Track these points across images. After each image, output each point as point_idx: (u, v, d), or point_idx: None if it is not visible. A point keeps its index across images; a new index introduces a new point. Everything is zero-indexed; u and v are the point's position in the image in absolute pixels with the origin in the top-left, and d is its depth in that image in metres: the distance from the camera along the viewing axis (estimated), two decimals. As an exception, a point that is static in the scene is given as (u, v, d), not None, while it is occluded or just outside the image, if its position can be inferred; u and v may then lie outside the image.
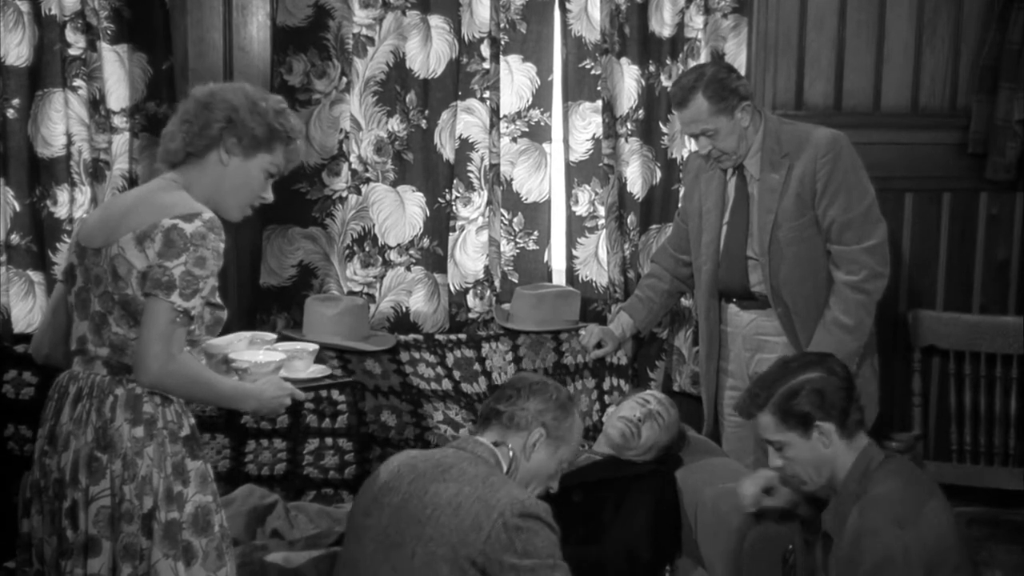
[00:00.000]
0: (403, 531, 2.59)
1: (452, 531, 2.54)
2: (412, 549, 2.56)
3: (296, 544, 3.21)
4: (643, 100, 3.96)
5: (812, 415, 2.68)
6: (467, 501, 2.56)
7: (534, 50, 3.93)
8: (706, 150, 3.43)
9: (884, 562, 2.52)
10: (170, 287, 2.39)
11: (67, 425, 2.47)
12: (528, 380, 2.91)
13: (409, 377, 3.69)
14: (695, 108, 3.37)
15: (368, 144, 3.83)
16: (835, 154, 3.39)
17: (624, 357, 3.93)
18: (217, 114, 2.54)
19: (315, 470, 3.56)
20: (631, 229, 4.01)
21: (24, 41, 3.50)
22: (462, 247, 3.95)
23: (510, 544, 2.51)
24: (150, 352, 2.40)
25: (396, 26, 3.79)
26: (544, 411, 2.81)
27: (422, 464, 2.69)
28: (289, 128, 2.61)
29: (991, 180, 4.12)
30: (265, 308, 3.79)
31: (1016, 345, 3.98)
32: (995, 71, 4.04)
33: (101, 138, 3.58)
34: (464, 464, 2.66)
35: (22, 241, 3.59)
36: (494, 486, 2.59)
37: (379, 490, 2.69)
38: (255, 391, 2.61)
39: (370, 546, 2.63)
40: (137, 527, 2.42)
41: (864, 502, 2.62)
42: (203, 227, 2.43)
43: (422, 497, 2.60)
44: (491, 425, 2.81)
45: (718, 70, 3.43)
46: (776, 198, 3.42)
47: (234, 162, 2.56)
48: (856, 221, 3.39)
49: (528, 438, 2.79)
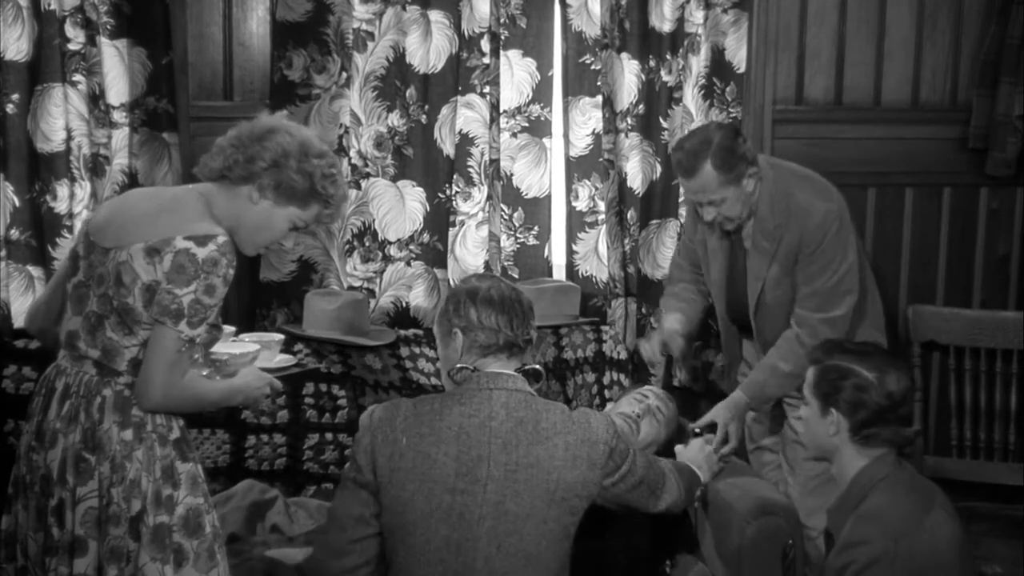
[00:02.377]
0: (530, 501, 2.59)
1: (576, 482, 2.61)
2: (544, 515, 2.60)
3: (296, 540, 3.22)
4: (643, 95, 3.95)
5: (834, 401, 2.68)
6: (576, 449, 2.62)
7: (534, 45, 3.92)
8: (711, 217, 3.30)
9: (869, 565, 2.52)
10: (179, 316, 2.38)
11: (55, 422, 2.47)
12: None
13: (409, 372, 3.69)
14: (703, 179, 3.23)
15: (368, 139, 3.83)
16: (822, 234, 3.30)
17: (624, 352, 3.93)
18: (266, 154, 2.50)
19: (315, 465, 3.57)
20: (631, 224, 4.01)
21: (23, 36, 3.50)
22: (462, 242, 3.95)
23: (617, 465, 2.68)
24: (156, 381, 2.40)
25: (396, 21, 3.78)
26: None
27: (497, 424, 2.61)
28: (331, 195, 2.57)
29: (991, 175, 4.12)
30: (265, 303, 3.79)
31: (1016, 340, 3.98)
32: (996, 66, 4.03)
33: (101, 133, 3.58)
34: (543, 413, 2.65)
35: (22, 236, 3.59)
36: (581, 422, 2.65)
37: (459, 464, 2.59)
38: (241, 386, 2.62)
39: (484, 524, 2.58)
40: (124, 530, 2.42)
41: (859, 514, 2.62)
42: (216, 252, 2.40)
43: (536, 464, 2.60)
44: (512, 356, 2.73)
45: (724, 136, 3.25)
46: (765, 266, 3.37)
47: (264, 205, 2.53)
48: (822, 293, 3.33)
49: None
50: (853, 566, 2.54)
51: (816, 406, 2.72)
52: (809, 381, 2.75)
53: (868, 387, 2.65)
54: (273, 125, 2.57)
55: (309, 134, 2.61)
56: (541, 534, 2.58)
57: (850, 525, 2.61)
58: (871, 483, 2.65)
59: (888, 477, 2.65)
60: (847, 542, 2.59)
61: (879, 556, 2.51)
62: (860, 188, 4.03)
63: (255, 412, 3.50)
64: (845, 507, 2.67)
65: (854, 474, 2.68)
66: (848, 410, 2.66)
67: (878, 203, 4.14)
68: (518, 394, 2.66)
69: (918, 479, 2.75)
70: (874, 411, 2.65)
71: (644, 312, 4.06)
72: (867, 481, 2.66)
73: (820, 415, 2.71)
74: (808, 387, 2.75)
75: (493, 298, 2.70)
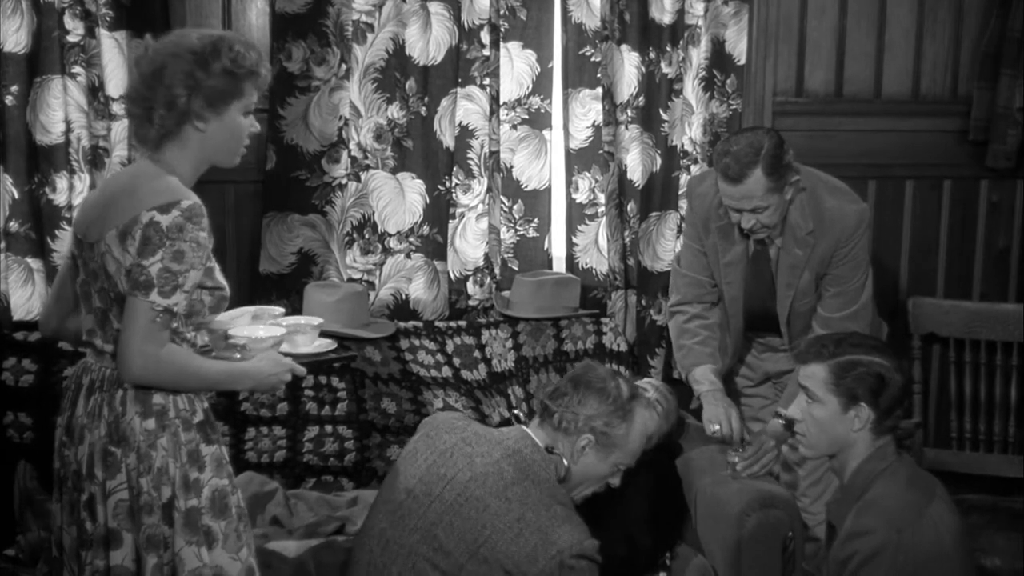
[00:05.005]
0: (456, 541, 2.56)
1: (508, 557, 2.53)
2: (461, 563, 2.55)
3: (295, 533, 3.22)
4: (643, 87, 3.95)
5: (861, 395, 2.63)
6: (528, 530, 2.54)
7: (534, 37, 3.92)
8: (749, 224, 3.23)
9: (873, 555, 2.52)
10: (148, 286, 2.34)
11: (82, 418, 2.46)
12: (586, 378, 2.79)
13: (409, 364, 3.69)
14: (752, 183, 3.15)
15: (368, 131, 3.82)
16: (857, 237, 3.30)
17: (624, 344, 3.93)
18: (176, 88, 2.42)
19: (315, 457, 3.57)
20: (631, 216, 4.00)
21: (22, 28, 3.49)
22: (462, 234, 3.95)
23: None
24: (128, 352, 2.36)
25: (396, 13, 3.77)
26: (595, 416, 2.73)
27: (480, 462, 2.62)
28: (252, 66, 2.47)
29: (992, 168, 4.11)
30: (264, 295, 3.78)
31: (1016, 333, 3.97)
32: (996, 58, 4.03)
33: (100, 125, 3.57)
34: (527, 483, 2.60)
35: (21, 228, 3.58)
36: (556, 518, 2.57)
37: (428, 473, 2.63)
38: (251, 369, 2.53)
39: (413, 536, 2.60)
40: (158, 517, 2.42)
41: (861, 505, 2.61)
42: (180, 217, 2.36)
43: (481, 512, 2.56)
44: (545, 421, 2.76)
45: (775, 144, 3.19)
46: (797, 274, 3.34)
47: (211, 124, 2.46)
48: (848, 293, 3.34)
49: (576, 443, 2.73)
50: (857, 556, 2.53)
51: (836, 403, 2.65)
52: (823, 379, 2.66)
53: (891, 377, 2.64)
54: (158, 61, 2.44)
55: (191, 38, 2.47)
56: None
57: (853, 515, 2.61)
58: (873, 474, 2.64)
59: (890, 468, 2.65)
60: (850, 532, 2.59)
61: (882, 546, 2.51)
62: (860, 180, 4.01)
63: (255, 403, 3.50)
64: (847, 499, 2.67)
65: (857, 466, 2.67)
66: (874, 402, 2.63)
67: (878, 195, 4.14)
68: (520, 454, 2.66)
69: (918, 471, 2.74)
70: (897, 396, 2.64)
71: (644, 304, 4.06)
72: (869, 472, 2.65)
73: (841, 411, 2.65)
74: (823, 384, 2.66)
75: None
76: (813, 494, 3.42)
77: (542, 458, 2.66)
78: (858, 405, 2.64)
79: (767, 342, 3.58)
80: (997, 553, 3.48)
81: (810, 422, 2.70)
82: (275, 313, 2.86)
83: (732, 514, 3.12)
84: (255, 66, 2.48)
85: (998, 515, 3.70)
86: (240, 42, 2.48)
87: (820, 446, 2.71)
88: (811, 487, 3.44)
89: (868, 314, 3.37)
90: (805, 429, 2.71)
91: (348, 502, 3.40)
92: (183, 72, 2.42)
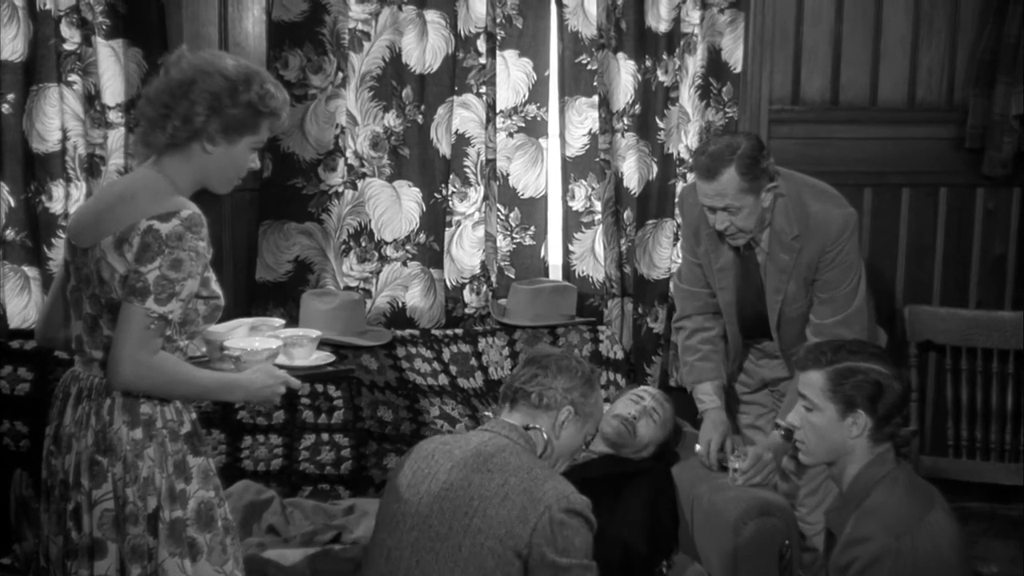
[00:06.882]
0: (448, 522, 2.58)
1: (500, 523, 2.55)
2: (459, 541, 2.56)
3: (292, 541, 3.21)
4: (639, 95, 3.95)
5: (859, 402, 2.63)
6: (513, 492, 2.56)
7: (530, 45, 3.92)
8: (723, 226, 3.24)
9: (873, 562, 2.51)
10: (144, 293, 2.34)
11: (69, 427, 2.46)
12: (552, 356, 2.86)
13: (405, 372, 3.69)
14: (725, 181, 3.17)
15: (364, 139, 3.82)
16: (843, 241, 3.30)
17: (621, 352, 3.93)
18: (198, 107, 2.44)
19: (311, 466, 3.56)
20: (627, 224, 4.01)
21: (19, 36, 3.49)
22: (458, 242, 3.95)
23: (552, 539, 2.53)
24: (120, 357, 2.35)
25: (392, 21, 3.78)
26: (571, 389, 2.79)
27: (459, 452, 2.67)
28: (275, 108, 2.50)
29: (988, 175, 4.11)
30: (261, 303, 3.79)
31: (1013, 340, 3.97)
32: (992, 66, 4.03)
33: (96, 133, 3.58)
34: (505, 453, 2.65)
35: (17, 236, 3.59)
36: (538, 478, 2.59)
37: (414, 476, 2.68)
38: (243, 381, 2.53)
39: (411, 535, 2.62)
40: (143, 528, 2.41)
41: (860, 512, 2.61)
42: (180, 226, 2.36)
43: (466, 488, 2.60)
44: (518, 405, 2.79)
45: (753, 146, 3.22)
46: (785, 279, 3.35)
47: (219, 149, 2.47)
48: (839, 299, 3.33)
49: (557, 417, 2.78)
50: (857, 563, 2.53)
51: (834, 410, 2.65)
52: (821, 386, 2.66)
53: (889, 384, 2.64)
54: (189, 74, 2.46)
55: (226, 62, 2.49)
56: (455, 561, 2.56)
57: (852, 522, 2.61)
58: (872, 481, 2.64)
59: (889, 475, 2.65)
60: (850, 539, 2.58)
61: (881, 553, 2.51)
62: (856, 188, 4.02)
63: (251, 411, 3.50)
64: (847, 506, 2.67)
65: (856, 472, 2.67)
66: (872, 408, 2.63)
67: (874, 203, 4.14)
68: (498, 436, 2.70)
69: (916, 478, 2.74)
70: (895, 403, 2.64)
71: (640, 312, 4.06)
72: (869, 479, 2.65)
73: (839, 418, 2.64)
74: (820, 392, 2.66)
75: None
76: (811, 504, 3.42)
77: (519, 435, 2.72)
78: (856, 412, 2.64)
79: (763, 348, 3.58)
80: (995, 560, 3.48)
81: (808, 429, 2.70)
82: (274, 325, 2.87)
83: (729, 522, 3.12)
84: (278, 109, 2.52)
85: (996, 523, 3.70)
86: (272, 82, 2.51)
87: (818, 453, 2.71)
88: (808, 497, 3.44)
89: (863, 319, 3.36)
90: (804, 436, 2.71)
91: (344, 510, 3.40)
92: (210, 93, 2.44)
